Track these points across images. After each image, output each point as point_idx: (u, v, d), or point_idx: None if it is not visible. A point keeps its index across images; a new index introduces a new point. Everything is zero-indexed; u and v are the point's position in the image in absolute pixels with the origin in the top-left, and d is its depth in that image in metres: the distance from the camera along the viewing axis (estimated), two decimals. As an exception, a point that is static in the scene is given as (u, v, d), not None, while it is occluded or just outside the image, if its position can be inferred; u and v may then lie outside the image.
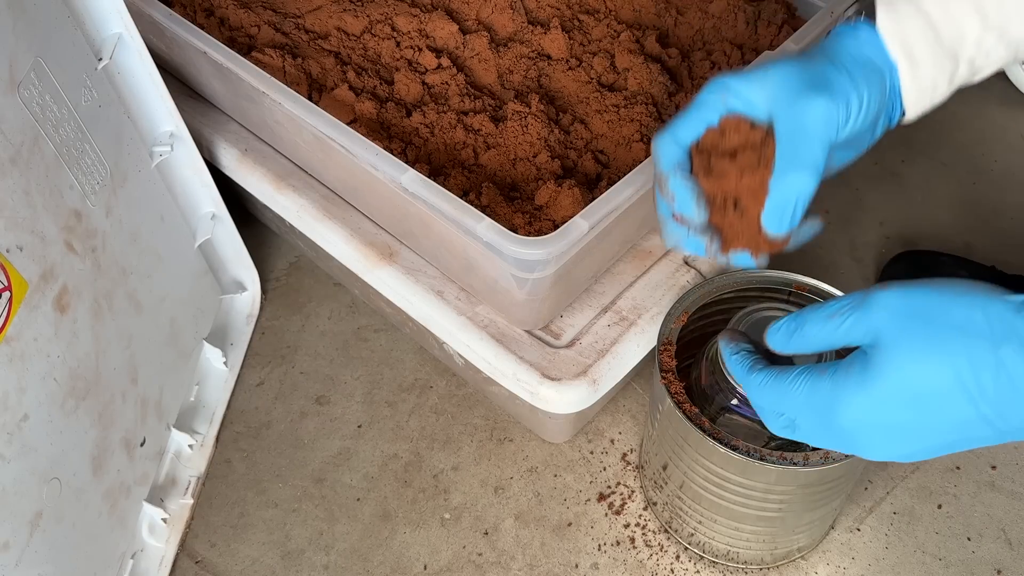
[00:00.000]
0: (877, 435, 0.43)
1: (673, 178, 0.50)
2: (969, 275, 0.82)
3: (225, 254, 0.84)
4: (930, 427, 0.41)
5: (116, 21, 0.64)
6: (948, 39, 0.48)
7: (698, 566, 0.69)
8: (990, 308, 0.40)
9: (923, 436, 0.42)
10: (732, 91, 0.49)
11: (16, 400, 0.54)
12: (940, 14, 0.48)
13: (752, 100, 0.49)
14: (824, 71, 0.48)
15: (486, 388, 0.77)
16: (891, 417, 0.42)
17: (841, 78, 0.47)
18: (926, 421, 0.41)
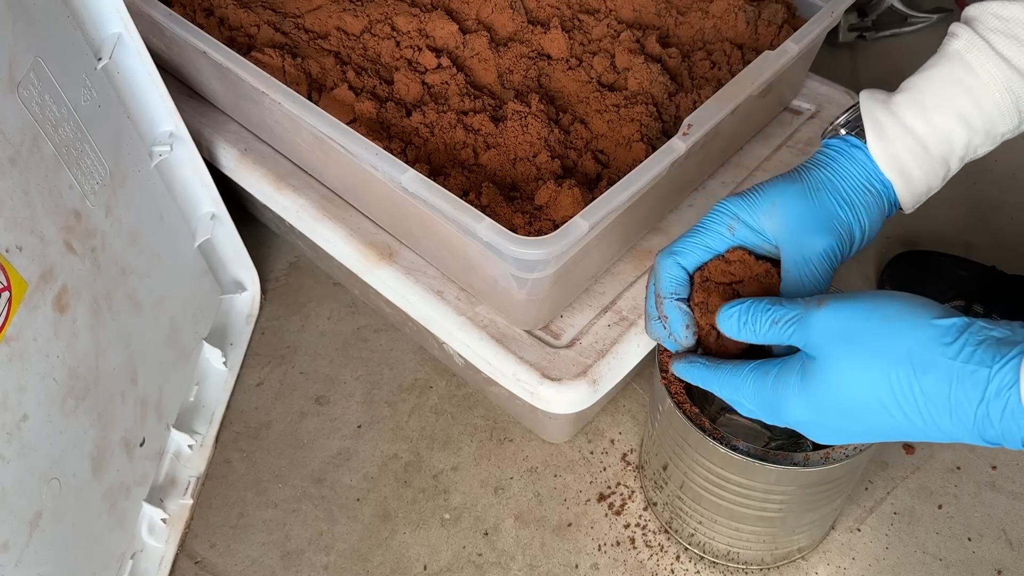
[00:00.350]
0: (816, 430, 0.46)
1: (669, 303, 0.53)
2: (969, 275, 0.82)
3: (225, 254, 0.84)
4: (863, 431, 0.44)
5: (116, 21, 0.64)
6: (937, 150, 0.51)
7: (698, 566, 0.68)
8: (916, 335, 0.41)
9: (859, 435, 0.45)
10: (740, 221, 0.52)
11: (16, 400, 0.54)
12: (926, 129, 0.51)
13: (759, 231, 0.52)
14: (829, 207, 0.51)
15: (486, 388, 0.77)
16: (826, 420, 0.45)
17: (844, 212, 0.51)
18: (858, 427, 0.44)
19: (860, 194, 0.52)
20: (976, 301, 0.79)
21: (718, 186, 0.76)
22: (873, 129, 0.52)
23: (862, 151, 0.52)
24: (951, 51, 0.52)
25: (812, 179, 0.52)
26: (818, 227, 0.50)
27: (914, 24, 1.15)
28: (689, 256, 0.53)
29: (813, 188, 0.52)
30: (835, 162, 0.52)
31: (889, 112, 0.52)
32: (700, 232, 0.53)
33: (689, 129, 0.61)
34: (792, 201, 0.51)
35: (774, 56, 0.66)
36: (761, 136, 0.80)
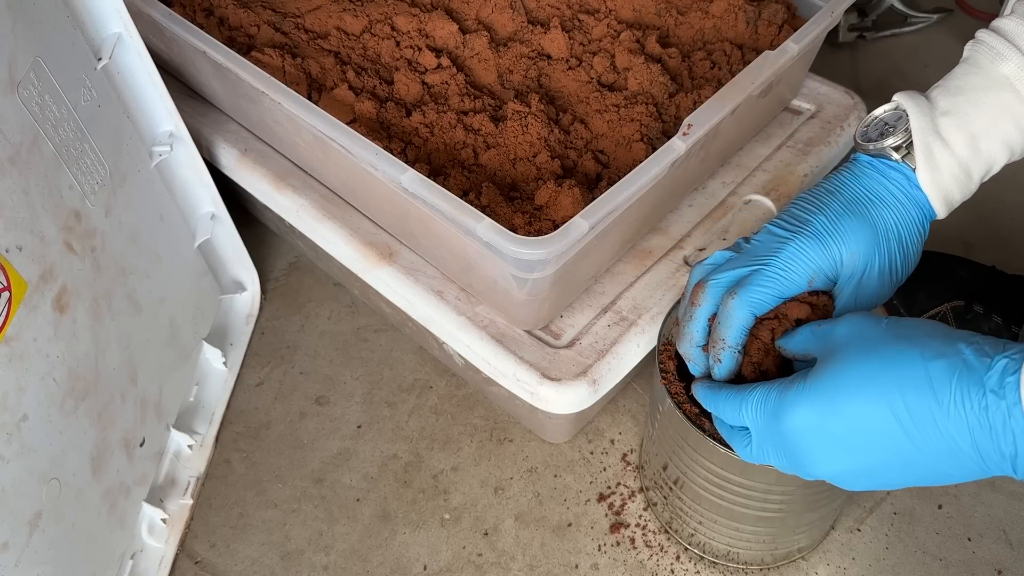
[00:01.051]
0: (817, 444, 0.44)
1: (730, 352, 0.51)
2: (969, 275, 0.82)
3: (225, 254, 0.84)
4: (866, 447, 0.43)
5: (116, 21, 0.64)
6: (978, 175, 0.52)
7: (698, 566, 0.68)
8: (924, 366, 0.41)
9: (861, 453, 0.43)
10: (821, 273, 0.51)
11: (16, 400, 0.54)
12: (971, 156, 0.51)
13: (833, 279, 0.52)
14: (892, 258, 0.52)
15: (486, 388, 0.77)
16: (829, 426, 0.43)
17: (901, 262, 0.53)
18: (862, 442, 0.43)
19: (915, 244, 0.53)
20: (976, 301, 0.79)
21: (718, 186, 0.76)
22: (925, 159, 0.51)
23: (919, 191, 0.52)
24: (999, 75, 0.51)
25: (882, 224, 0.52)
26: (879, 279, 0.52)
27: (914, 24, 1.15)
28: (763, 306, 0.51)
29: (883, 235, 0.52)
30: (900, 205, 0.52)
31: (939, 139, 0.51)
32: (778, 280, 0.50)
33: (689, 129, 0.61)
34: (865, 250, 0.51)
35: (774, 56, 0.66)
36: (761, 136, 0.80)
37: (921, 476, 0.43)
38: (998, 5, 1.04)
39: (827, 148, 0.79)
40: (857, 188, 0.53)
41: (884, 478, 0.44)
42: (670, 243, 0.72)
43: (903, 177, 0.53)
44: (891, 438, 0.42)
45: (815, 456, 0.44)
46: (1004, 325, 0.78)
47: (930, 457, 0.41)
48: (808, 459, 0.45)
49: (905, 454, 0.42)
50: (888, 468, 0.43)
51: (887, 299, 0.54)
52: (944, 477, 0.42)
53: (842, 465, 0.44)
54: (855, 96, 0.83)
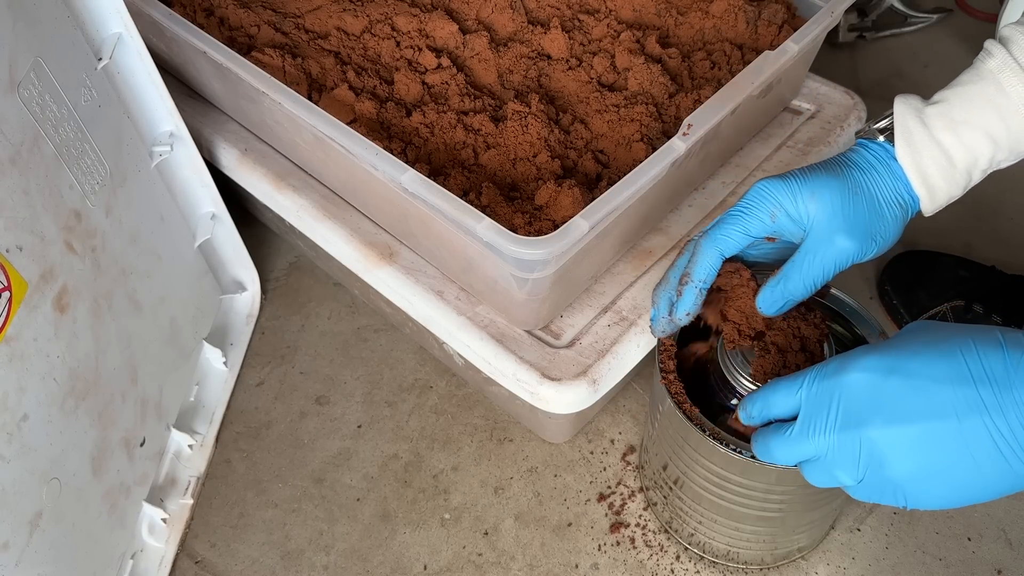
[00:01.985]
0: (881, 397, 0.43)
1: (691, 288, 0.54)
2: (969, 275, 0.82)
3: (225, 254, 0.84)
4: (935, 406, 0.42)
5: (116, 21, 0.64)
6: (961, 163, 0.53)
7: (698, 566, 0.68)
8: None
9: (928, 415, 0.42)
10: (782, 209, 0.53)
11: (16, 400, 0.54)
12: (953, 142, 0.52)
13: (797, 219, 0.53)
14: (861, 213, 0.53)
15: (486, 388, 0.77)
16: (901, 367, 0.43)
17: (873, 222, 0.53)
18: (931, 399, 0.42)
19: (890, 207, 0.53)
20: (976, 301, 0.79)
21: (718, 186, 0.76)
22: (903, 137, 0.53)
23: (898, 163, 0.53)
24: (985, 70, 0.53)
25: (852, 179, 0.53)
26: (846, 230, 0.52)
27: (914, 24, 1.15)
28: (730, 243, 0.54)
29: (852, 189, 0.52)
30: (873, 169, 0.54)
31: (920, 123, 0.53)
32: (742, 217, 0.53)
33: (689, 129, 0.61)
34: (832, 196, 0.52)
35: (774, 56, 0.66)
36: (761, 136, 0.80)
37: (978, 468, 0.41)
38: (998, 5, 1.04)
39: (827, 148, 0.79)
40: (838, 157, 0.55)
41: (945, 466, 0.42)
42: (670, 243, 0.72)
43: (881, 149, 0.54)
44: (964, 397, 0.41)
45: (877, 414, 0.43)
46: (1004, 325, 0.78)
47: (993, 432, 0.41)
48: (868, 419, 0.43)
49: (971, 428, 0.41)
50: (951, 450, 0.42)
51: (859, 261, 0.53)
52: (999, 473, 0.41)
53: (907, 432, 0.42)
54: (855, 96, 0.83)
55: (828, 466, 0.45)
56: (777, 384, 0.48)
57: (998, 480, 0.41)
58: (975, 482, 0.42)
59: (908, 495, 0.44)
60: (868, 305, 0.77)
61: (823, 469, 0.46)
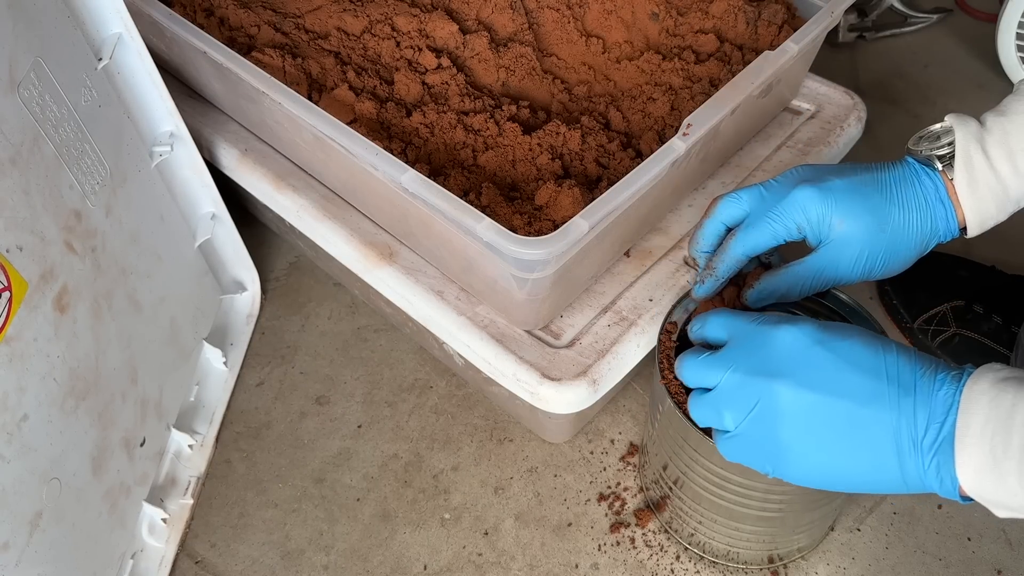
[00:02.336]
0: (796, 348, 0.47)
1: (712, 279, 0.58)
2: (969, 275, 0.82)
3: (225, 254, 0.84)
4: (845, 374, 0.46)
5: (116, 21, 0.64)
6: (1015, 192, 0.53)
7: (698, 566, 0.68)
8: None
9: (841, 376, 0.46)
10: (810, 225, 0.55)
11: (16, 400, 0.54)
12: (1009, 172, 0.53)
13: (820, 236, 0.55)
14: (882, 249, 0.55)
15: (486, 388, 0.77)
16: (819, 334, 0.47)
17: (892, 256, 0.55)
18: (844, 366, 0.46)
19: (915, 243, 0.55)
20: (976, 301, 0.79)
21: (718, 186, 0.76)
22: (964, 167, 0.54)
23: (944, 207, 0.54)
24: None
25: (886, 214, 0.54)
26: (860, 262, 0.55)
27: (914, 24, 1.15)
28: (758, 246, 0.56)
29: (882, 225, 0.54)
30: (918, 209, 0.55)
31: (981, 152, 0.53)
32: (772, 225, 0.55)
33: (689, 129, 0.61)
34: (859, 228, 0.54)
35: (774, 56, 0.66)
36: (761, 136, 0.80)
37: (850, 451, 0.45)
38: (998, 5, 1.04)
39: (827, 148, 0.79)
40: (886, 178, 0.56)
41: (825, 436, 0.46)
42: (670, 243, 0.72)
43: (932, 185, 0.55)
44: (872, 388, 0.45)
45: (790, 374, 0.46)
46: (1004, 325, 0.78)
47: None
48: (780, 374, 0.46)
49: (867, 415, 0.45)
50: (842, 429, 0.45)
51: (849, 283, 0.56)
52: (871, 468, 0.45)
53: (810, 399, 0.46)
54: (855, 96, 0.83)
55: (720, 401, 0.49)
56: (721, 312, 0.52)
57: (868, 470, 0.45)
58: (848, 465, 0.45)
59: (779, 460, 0.47)
60: (868, 305, 0.77)
61: (713, 404, 0.49)
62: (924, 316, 0.81)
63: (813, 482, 0.47)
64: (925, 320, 0.80)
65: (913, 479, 0.44)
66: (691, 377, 0.51)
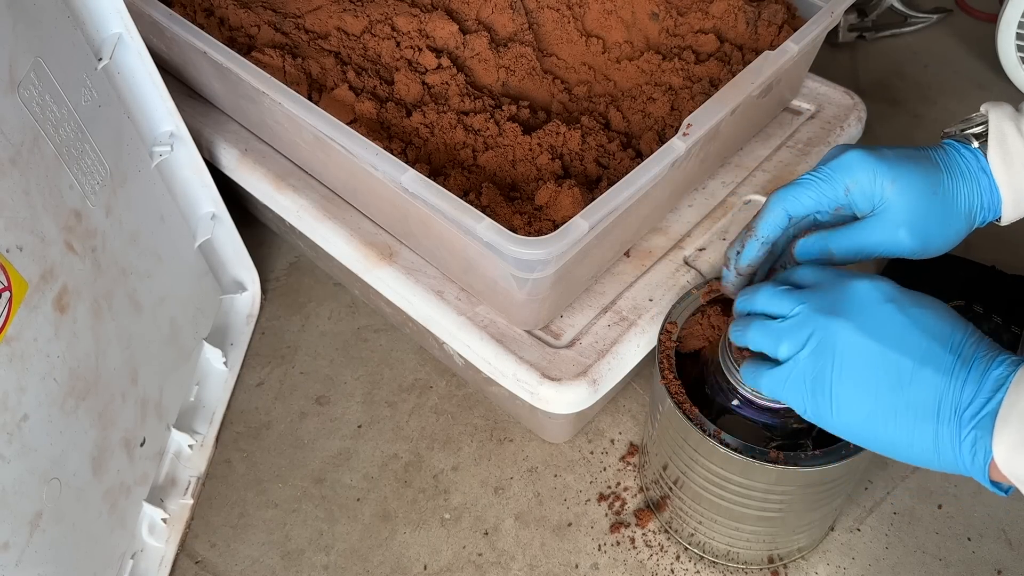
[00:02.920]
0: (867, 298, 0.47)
1: (754, 242, 0.56)
2: (969, 275, 0.82)
3: (225, 254, 0.84)
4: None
5: (116, 21, 0.64)
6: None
7: (698, 566, 0.68)
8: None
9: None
10: (859, 184, 0.53)
11: (16, 400, 0.54)
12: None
13: (870, 198, 0.53)
14: (934, 218, 0.53)
15: (486, 388, 0.77)
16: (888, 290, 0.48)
17: (940, 229, 0.54)
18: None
19: (961, 218, 0.54)
20: (976, 301, 0.79)
21: (718, 186, 0.76)
22: (997, 142, 0.53)
23: (986, 176, 0.54)
24: None
25: (936, 180, 0.53)
26: (912, 227, 0.53)
27: (914, 24, 1.15)
28: (799, 205, 0.54)
29: (933, 190, 0.53)
30: (961, 177, 0.54)
31: (1016, 129, 0.53)
32: (818, 183, 0.54)
33: (689, 129, 0.61)
34: (912, 189, 0.52)
35: (774, 56, 0.67)
36: (761, 136, 0.80)
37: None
38: (998, 5, 1.04)
39: (827, 148, 0.79)
40: (927, 152, 0.55)
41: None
42: (670, 243, 0.72)
43: (972, 157, 0.54)
44: (933, 353, 0.45)
45: (855, 318, 0.47)
46: (1004, 325, 0.78)
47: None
48: (846, 315, 0.47)
49: (922, 376, 0.45)
50: (892, 383, 0.45)
51: (906, 257, 0.55)
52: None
53: (869, 346, 0.46)
54: (855, 96, 0.83)
55: (783, 330, 0.49)
56: (808, 263, 0.53)
57: (903, 432, 0.45)
58: (885, 422, 0.46)
59: (820, 400, 0.47)
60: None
61: (775, 331, 0.49)
62: (924, 316, 0.81)
63: (845, 431, 0.47)
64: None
65: (946, 450, 0.44)
66: (765, 302, 0.51)
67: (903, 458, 0.46)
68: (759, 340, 0.50)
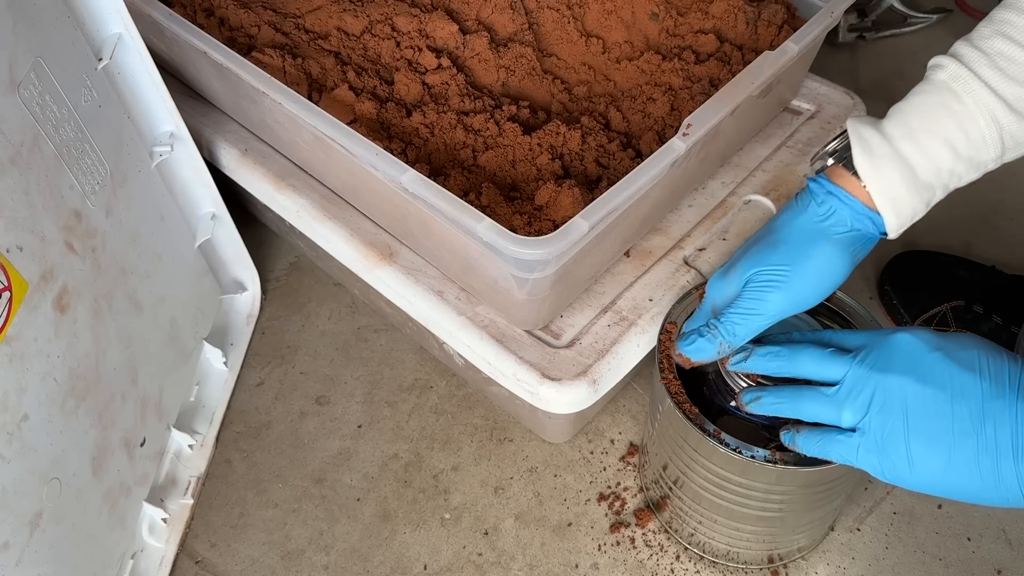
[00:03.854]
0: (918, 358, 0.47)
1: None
2: (969, 275, 0.82)
3: (225, 254, 0.84)
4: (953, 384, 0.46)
5: (116, 21, 0.64)
6: (924, 173, 0.51)
7: (698, 566, 0.69)
8: None
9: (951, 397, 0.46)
10: (715, 301, 0.57)
11: (16, 400, 0.54)
12: (912, 150, 0.51)
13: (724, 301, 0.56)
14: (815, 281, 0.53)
15: (486, 388, 0.77)
16: (936, 343, 0.48)
17: (828, 280, 0.54)
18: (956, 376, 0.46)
19: (844, 266, 0.54)
20: (976, 301, 0.79)
21: (718, 186, 0.76)
22: (861, 147, 0.52)
23: (842, 203, 0.53)
24: (937, 80, 0.52)
25: (814, 256, 0.53)
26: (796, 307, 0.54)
27: (914, 24, 1.15)
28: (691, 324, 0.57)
29: (813, 264, 0.53)
30: (831, 233, 0.53)
31: (877, 132, 0.52)
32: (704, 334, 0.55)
33: (689, 129, 0.61)
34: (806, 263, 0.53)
35: (774, 56, 0.67)
36: (761, 136, 0.80)
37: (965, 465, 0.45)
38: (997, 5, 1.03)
39: (827, 148, 0.79)
40: (775, 224, 0.56)
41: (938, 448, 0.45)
42: (670, 243, 0.72)
43: (818, 187, 0.54)
44: (993, 393, 0.45)
45: (909, 371, 0.46)
46: (1004, 325, 0.78)
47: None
48: (900, 370, 0.47)
49: (991, 411, 0.44)
50: (960, 428, 0.45)
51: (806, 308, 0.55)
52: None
53: (931, 394, 0.46)
54: (855, 96, 0.83)
55: (841, 397, 0.48)
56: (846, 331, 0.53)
57: (991, 475, 0.44)
58: (971, 469, 0.45)
59: (898, 459, 0.46)
60: (868, 305, 0.77)
61: (833, 400, 0.49)
62: (924, 316, 0.81)
63: (926, 485, 0.46)
64: (925, 320, 0.80)
65: (1012, 487, 0.44)
66: (812, 368, 0.50)
67: (987, 501, 0.45)
68: (816, 411, 0.49)
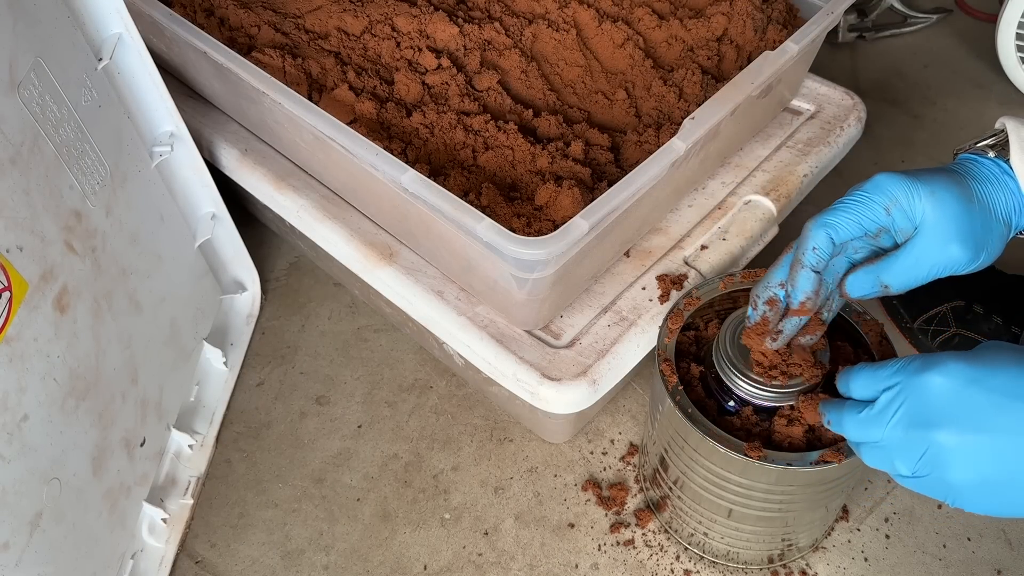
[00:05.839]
0: (957, 401, 0.45)
1: (805, 273, 0.53)
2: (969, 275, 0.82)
3: (225, 254, 0.84)
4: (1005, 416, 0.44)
5: (116, 21, 0.64)
6: None
7: (698, 566, 0.69)
8: None
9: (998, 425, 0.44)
10: (898, 204, 0.51)
11: (16, 400, 0.54)
12: None
13: (911, 217, 0.51)
14: (976, 224, 0.51)
15: (486, 388, 0.77)
16: (977, 377, 0.45)
17: (986, 235, 0.51)
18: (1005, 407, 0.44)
19: (999, 223, 0.52)
20: (976, 301, 0.79)
21: (718, 186, 0.76)
22: (1019, 146, 0.52)
23: (1012, 179, 0.52)
24: None
25: (970, 188, 0.52)
26: (961, 238, 0.51)
27: (914, 24, 1.15)
28: (841, 230, 0.52)
29: (970, 197, 0.51)
30: (988, 182, 0.52)
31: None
32: (857, 206, 0.52)
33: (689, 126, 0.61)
34: (951, 200, 0.51)
35: (774, 56, 0.67)
36: (761, 136, 0.80)
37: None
38: (998, 5, 1.04)
39: (827, 148, 0.79)
40: (952, 166, 0.54)
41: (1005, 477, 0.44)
42: (670, 243, 0.72)
43: (994, 164, 0.53)
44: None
45: (951, 421, 0.44)
46: (1004, 326, 0.78)
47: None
48: (941, 423, 0.45)
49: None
50: (1016, 465, 0.43)
51: (964, 272, 0.53)
52: None
53: (977, 442, 0.44)
54: (855, 96, 0.83)
55: (889, 454, 0.47)
56: (862, 368, 0.49)
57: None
58: (1019, 495, 0.43)
59: (958, 498, 0.45)
60: (868, 305, 0.77)
61: (883, 455, 0.48)
62: (924, 316, 0.81)
63: (998, 513, 0.45)
64: (925, 320, 0.80)
65: None
66: (855, 434, 0.49)
67: None
68: (877, 461, 0.49)
